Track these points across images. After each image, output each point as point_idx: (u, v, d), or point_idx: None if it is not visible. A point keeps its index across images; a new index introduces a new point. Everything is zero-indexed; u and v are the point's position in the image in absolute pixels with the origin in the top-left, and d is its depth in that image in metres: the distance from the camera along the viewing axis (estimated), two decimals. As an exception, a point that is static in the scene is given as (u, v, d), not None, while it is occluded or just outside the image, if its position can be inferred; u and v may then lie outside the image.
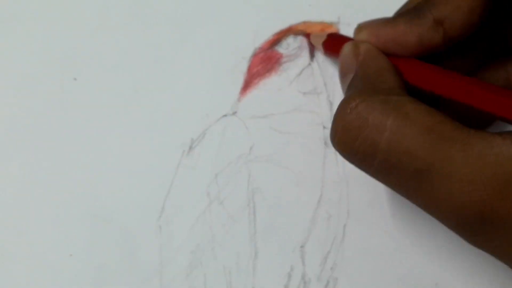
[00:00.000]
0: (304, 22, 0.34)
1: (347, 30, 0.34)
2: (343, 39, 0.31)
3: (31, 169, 0.33)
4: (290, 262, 0.31)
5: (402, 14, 0.26)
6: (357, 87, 0.25)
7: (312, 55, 0.34)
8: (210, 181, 0.32)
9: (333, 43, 0.31)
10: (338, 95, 0.33)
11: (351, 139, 0.23)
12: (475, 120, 0.26)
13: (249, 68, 0.34)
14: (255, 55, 0.34)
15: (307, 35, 0.34)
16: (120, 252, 0.31)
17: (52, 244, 0.31)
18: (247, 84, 0.33)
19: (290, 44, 0.34)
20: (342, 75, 0.28)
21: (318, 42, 0.32)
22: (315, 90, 0.33)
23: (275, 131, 0.33)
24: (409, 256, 0.31)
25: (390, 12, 0.33)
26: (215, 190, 0.32)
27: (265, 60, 0.34)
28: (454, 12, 0.24)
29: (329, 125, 0.33)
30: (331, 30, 0.34)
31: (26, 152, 0.33)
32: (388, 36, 0.26)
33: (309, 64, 0.34)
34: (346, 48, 0.28)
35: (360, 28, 0.28)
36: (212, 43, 0.34)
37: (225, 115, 0.33)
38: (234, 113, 0.33)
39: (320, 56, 0.33)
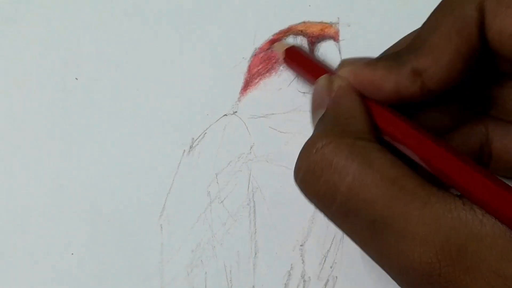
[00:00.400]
0: (304, 23, 0.34)
1: (347, 31, 0.34)
2: (303, 56, 0.32)
3: (33, 168, 0.33)
4: (290, 261, 0.31)
5: (383, 58, 0.26)
6: (326, 125, 0.25)
7: (312, 55, 0.34)
8: (210, 180, 0.32)
9: (293, 57, 0.32)
10: (337, 95, 0.33)
11: (313, 180, 0.23)
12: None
13: (249, 68, 0.34)
14: (255, 55, 0.34)
15: (272, 41, 0.34)
16: (121, 251, 0.31)
17: (53, 243, 0.31)
18: (248, 84, 0.34)
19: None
20: (314, 109, 0.27)
21: (280, 51, 0.33)
22: (315, 90, 0.33)
23: (275, 130, 0.33)
24: (408, 254, 0.31)
25: (388, 13, 0.34)
26: (216, 189, 0.32)
27: (265, 60, 0.34)
28: (433, 65, 0.24)
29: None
30: (330, 30, 0.34)
31: (27, 151, 0.33)
32: (366, 78, 0.25)
33: (309, 64, 0.34)
34: (321, 82, 0.27)
35: (343, 64, 0.28)
36: (212, 43, 0.34)
37: (225, 115, 0.33)
38: (235, 112, 0.33)
39: (320, 56, 0.34)
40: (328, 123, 0.25)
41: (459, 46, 0.23)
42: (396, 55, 0.25)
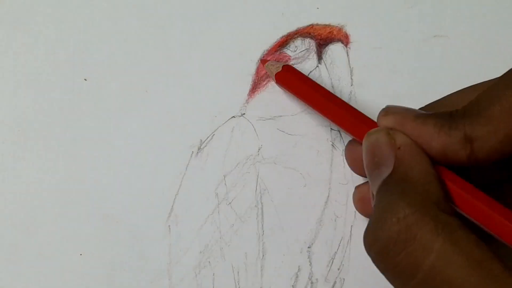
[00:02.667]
0: (312, 25, 0.34)
1: (354, 33, 0.34)
2: (298, 75, 0.31)
3: (42, 169, 0.33)
4: (297, 263, 0.31)
5: (434, 115, 0.25)
6: (400, 191, 0.23)
7: (319, 57, 0.34)
8: (218, 182, 0.32)
9: (286, 76, 0.31)
10: (344, 97, 0.33)
11: (393, 252, 0.21)
12: None
13: (258, 70, 0.34)
14: (263, 57, 0.34)
15: (263, 61, 0.34)
16: (130, 252, 0.31)
17: (62, 244, 0.32)
18: (256, 86, 0.34)
19: (298, 47, 0.34)
20: (373, 167, 0.25)
21: (272, 72, 0.32)
22: (322, 92, 0.33)
23: (283, 132, 0.33)
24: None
25: (397, 17, 0.34)
26: (224, 190, 0.32)
27: (273, 62, 0.34)
28: (488, 136, 0.23)
29: (336, 126, 0.33)
30: (338, 33, 0.34)
31: (36, 152, 0.33)
32: (413, 132, 0.24)
33: (317, 66, 0.34)
34: (379, 136, 0.25)
35: (387, 112, 0.26)
36: (221, 46, 0.34)
37: (233, 117, 0.33)
38: (243, 114, 0.33)
39: (328, 58, 0.34)
40: (402, 188, 0.23)
41: None
42: (449, 116, 0.24)
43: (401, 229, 0.21)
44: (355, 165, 0.30)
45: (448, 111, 0.24)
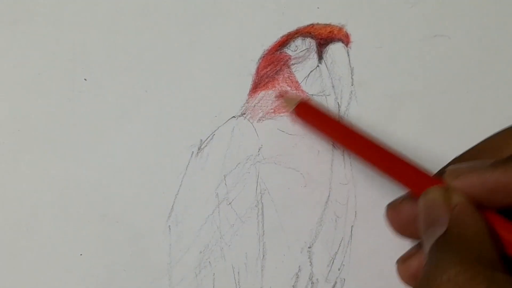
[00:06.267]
0: (312, 25, 0.34)
1: (355, 33, 0.34)
2: (315, 111, 0.31)
3: (42, 169, 0.33)
4: (298, 263, 0.31)
5: (501, 162, 0.24)
6: (453, 249, 0.22)
7: (320, 57, 0.34)
8: (219, 182, 0.32)
9: (303, 111, 0.31)
10: (345, 97, 0.33)
11: None
12: None
13: (258, 70, 0.34)
14: (263, 57, 0.34)
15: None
16: (130, 252, 0.31)
17: (62, 244, 0.32)
18: (256, 86, 0.34)
19: (298, 46, 0.34)
20: (427, 226, 0.24)
21: (290, 106, 0.32)
22: (323, 92, 0.33)
23: (283, 132, 0.33)
24: (416, 257, 0.31)
25: (398, 16, 0.34)
26: (224, 191, 0.32)
27: (274, 62, 0.34)
28: None
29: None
30: (339, 32, 0.34)
31: (36, 152, 0.33)
32: (490, 183, 0.23)
33: (317, 66, 0.34)
34: (434, 195, 0.25)
35: (454, 172, 0.25)
36: (221, 46, 0.34)
37: (234, 117, 0.33)
38: (243, 114, 0.33)
39: (328, 58, 0.34)
40: (455, 245, 0.22)
41: None
42: None
43: (452, 286, 0.21)
44: (402, 229, 0.28)
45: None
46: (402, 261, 0.28)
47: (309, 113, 0.31)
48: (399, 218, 0.28)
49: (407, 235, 0.28)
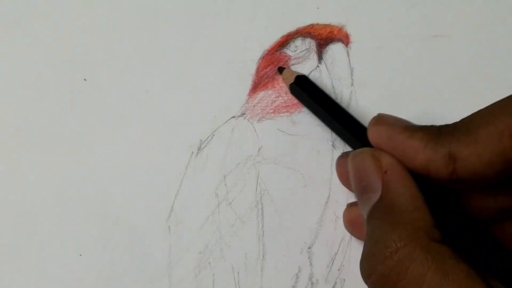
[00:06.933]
0: (312, 25, 0.34)
1: (355, 33, 0.34)
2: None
3: (41, 169, 0.33)
4: (297, 263, 0.31)
5: (422, 129, 0.25)
6: (391, 222, 0.23)
7: (320, 57, 0.34)
8: (218, 182, 0.32)
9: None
10: (345, 98, 0.33)
11: (388, 285, 0.22)
12: None
13: (258, 70, 0.34)
14: (263, 57, 0.34)
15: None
16: (129, 252, 0.31)
17: (62, 244, 0.32)
18: (256, 86, 0.34)
19: (298, 47, 0.34)
20: (362, 191, 0.25)
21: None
22: (323, 92, 0.33)
23: (283, 132, 0.33)
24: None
25: (398, 16, 0.34)
26: (224, 191, 0.32)
27: (274, 62, 0.34)
28: (473, 158, 0.23)
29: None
30: (339, 32, 0.34)
31: (36, 152, 0.33)
32: (400, 145, 0.24)
33: (317, 66, 0.34)
34: (365, 158, 0.26)
35: (376, 121, 0.26)
36: (221, 46, 0.34)
37: (233, 117, 0.33)
38: (243, 114, 0.33)
39: (328, 58, 0.34)
40: (391, 217, 0.23)
41: (507, 150, 0.22)
42: (437, 131, 0.24)
43: (394, 264, 0.22)
44: (344, 180, 0.30)
45: (437, 126, 0.24)
46: (348, 207, 0.30)
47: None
48: (342, 171, 0.29)
49: (348, 187, 0.30)
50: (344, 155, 0.29)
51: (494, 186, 0.25)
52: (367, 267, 0.23)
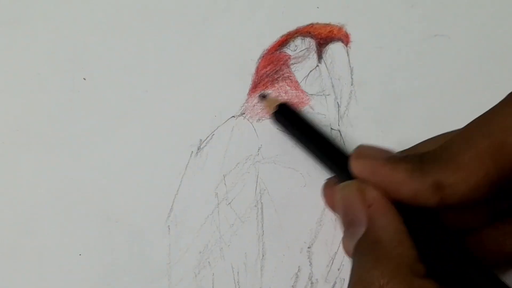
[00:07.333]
0: (312, 24, 0.34)
1: (355, 33, 0.34)
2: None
3: (41, 169, 0.33)
4: (297, 263, 0.31)
5: (406, 159, 0.24)
6: (375, 258, 0.23)
7: (320, 57, 0.34)
8: (218, 181, 0.32)
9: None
10: (345, 97, 0.33)
11: None
12: None
13: (257, 70, 0.34)
14: (263, 56, 0.34)
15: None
16: (129, 252, 0.31)
17: (61, 244, 0.32)
18: (255, 86, 0.34)
19: (298, 46, 0.34)
20: (347, 223, 0.25)
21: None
22: (322, 91, 0.33)
23: (283, 132, 0.33)
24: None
25: (398, 16, 0.34)
26: (223, 190, 0.32)
27: (273, 62, 0.34)
28: (459, 183, 0.23)
29: (336, 126, 0.33)
30: (339, 32, 0.34)
31: (36, 152, 0.33)
32: (385, 177, 0.24)
33: (317, 66, 0.34)
34: (350, 190, 0.25)
35: (358, 154, 0.26)
36: (220, 45, 0.34)
37: (233, 116, 0.33)
38: (242, 114, 0.33)
39: (328, 58, 0.34)
40: (375, 253, 0.23)
41: (491, 171, 0.22)
42: (420, 160, 0.24)
43: None
44: (331, 207, 0.29)
45: (418, 154, 0.24)
46: (327, 182, 0.29)
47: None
48: (329, 199, 0.29)
49: (336, 213, 0.29)
50: (328, 182, 0.29)
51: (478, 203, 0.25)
52: None
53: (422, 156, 0.24)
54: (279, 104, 0.31)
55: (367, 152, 0.26)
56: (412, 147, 0.28)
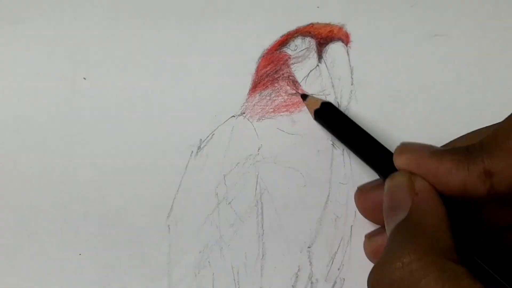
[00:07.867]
0: (312, 24, 0.34)
1: (355, 32, 0.34)
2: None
3: (41, 168, 0.33)
4: (297, 263, 0.31)
5: (451, 151, 0.24)
6: (411, 236, 0.23)
7: (320, 56, 0.34)
8: (218, 181, 0.32)
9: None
10: (345, 97, 0.33)
11: None
12: None
13: (257, 70, 0.34)
14: (263, 56, 0.34)
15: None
16: (129, 252, 0.31)
17: (61, 244, 0.32)
18: (256, 85, 0.34)
19: (298, 46, 0.34)
20: (390, 210, 0.25)
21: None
22: (323, 91, 0.33)
23: (283, 132, 0.33)
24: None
25: (398, 16, 0.34)
26: (223, 190, 0.32)
27: (273, 62, 0.34)
28: (508, 169, 0.22)
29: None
30: (339, 32, 0.34)
31: (36, 151, 0.33)
32: (430, 170, 0.24)
33: (317, 65, 0.34)
34: (399, 179, 0.25)
35: (402, 150, 0.26)
36: (221, 45, 0.34)
37: (233, 116, 0.33)
38: (243, 114, 0.33)
39: (328, 57, 0.34)
40: (413, 233, 0.23)
41: None
42: (466, 150, 0.24)
43: (404, 275, 0.21)
44: (367, 213, 0.30)
45: (464, 146, 0.24)
46: (369, 237, 0.29)
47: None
48: (366, 203, 0.29)
49: (371, 220, 0.29)
50: (361, 189, 0.30)
51: None
52: (375, 277, 0.23)
53: (467, 148, 0.24)
54: (322, 103, 0.31)
55: (411, 147, 0.26)
56: (448, 143, 0.28)
